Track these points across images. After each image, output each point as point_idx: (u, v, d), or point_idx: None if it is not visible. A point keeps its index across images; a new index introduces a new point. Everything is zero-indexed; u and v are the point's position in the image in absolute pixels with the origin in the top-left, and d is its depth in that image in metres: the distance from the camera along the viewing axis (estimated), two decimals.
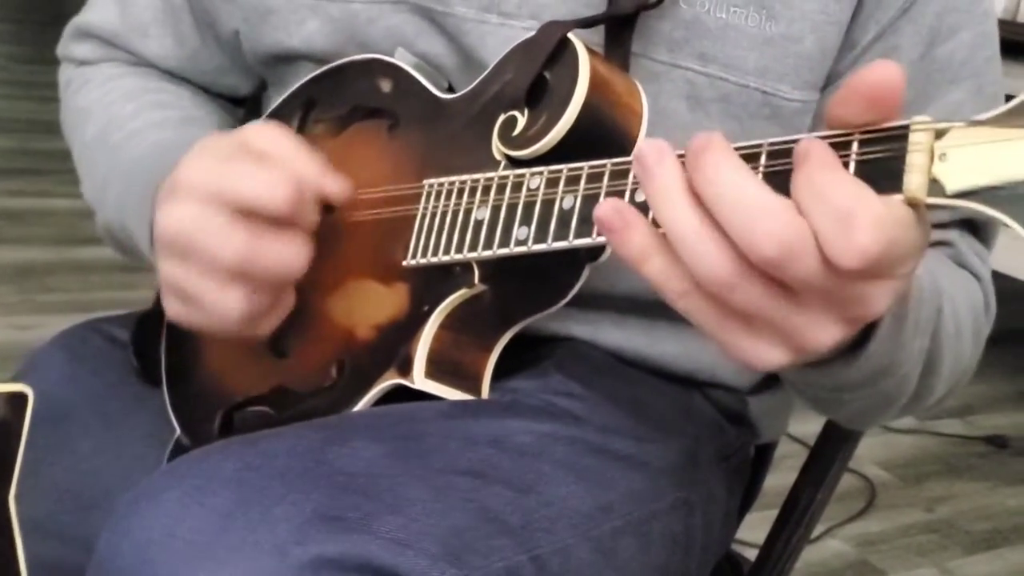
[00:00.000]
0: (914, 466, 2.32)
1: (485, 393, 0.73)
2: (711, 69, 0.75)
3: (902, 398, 0.67)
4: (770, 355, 0.51)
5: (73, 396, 0.83)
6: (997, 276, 0.82)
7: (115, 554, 0.59)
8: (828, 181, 0.47)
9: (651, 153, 0.51)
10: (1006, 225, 0.47)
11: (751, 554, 0.98)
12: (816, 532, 1.31)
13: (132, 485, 0.63)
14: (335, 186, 0.70)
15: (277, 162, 0.67)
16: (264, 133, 0.69)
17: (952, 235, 0.79)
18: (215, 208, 0.65)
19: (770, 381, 0.87)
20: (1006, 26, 2.02)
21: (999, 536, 2.11)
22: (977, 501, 2.22)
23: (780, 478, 0.98)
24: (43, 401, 0.82)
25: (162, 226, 0.67)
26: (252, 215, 0.65)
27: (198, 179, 0.66)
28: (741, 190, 0.48)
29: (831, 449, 0.93)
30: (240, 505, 0.57)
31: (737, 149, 0.51)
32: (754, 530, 1.00)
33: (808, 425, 0.83)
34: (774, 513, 0.95)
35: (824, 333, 0.50)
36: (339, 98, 0.81)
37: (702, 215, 0.49)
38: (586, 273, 0.72)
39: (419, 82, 0.77)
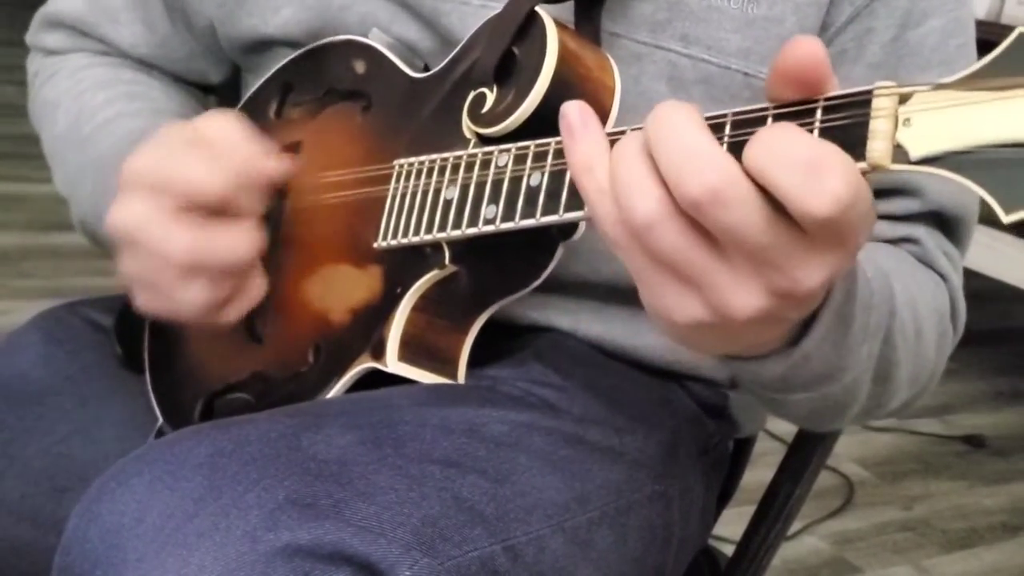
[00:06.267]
0: (892, 464, 2.32)
1: (462, 377, 0.72)
2: (693, 50, 0.74)
3: (855, 403, 0.67)
4: (688, 309, 0.51)
5: (49, 378, 0.82)
6: (975, 276, 0.80)
7: (83, 539, 0.58)
8: (788, 138, 0.47)
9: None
10: (971, 189, 0.45)
11: (728, 550, 0.97)
12: (793, 528, 1.31)
13: (107, 468, 0.62)
14: (274, 167, 0.70)
15: (218, 151, 0.67)
16: (211, 123, 0.70)
17: (919, 232, 0.78)
18: (160, 201, 0.67)
19: None
20: (989, 27, 2.01)
21: (975, 535, 2.11)
22: (954, 500, 2.23)
23: (758, 474, 0.98)
24: (18, 382, 0.82)
25: (114, 221, 0.68)
26: (195, 206, 0.66)
27: (142, 171, 0.68)
28: (680, 132, 0.48)
29: (809, 446, 0.92)
30: (211, 491, 0.56)
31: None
32: (731, 526, 1.00)
33: (787, 422, 0.83)
34: (752, 509, 0.95)
35: (746, 297, 0.49)
36: (315, 81, 0.81)
37: (639, 151, 0.50)
38: (560, 252, 0.71)
39: (392, 62, 0.76)
